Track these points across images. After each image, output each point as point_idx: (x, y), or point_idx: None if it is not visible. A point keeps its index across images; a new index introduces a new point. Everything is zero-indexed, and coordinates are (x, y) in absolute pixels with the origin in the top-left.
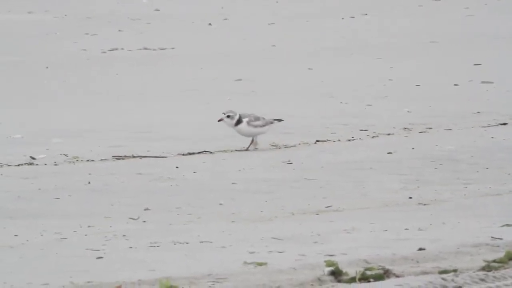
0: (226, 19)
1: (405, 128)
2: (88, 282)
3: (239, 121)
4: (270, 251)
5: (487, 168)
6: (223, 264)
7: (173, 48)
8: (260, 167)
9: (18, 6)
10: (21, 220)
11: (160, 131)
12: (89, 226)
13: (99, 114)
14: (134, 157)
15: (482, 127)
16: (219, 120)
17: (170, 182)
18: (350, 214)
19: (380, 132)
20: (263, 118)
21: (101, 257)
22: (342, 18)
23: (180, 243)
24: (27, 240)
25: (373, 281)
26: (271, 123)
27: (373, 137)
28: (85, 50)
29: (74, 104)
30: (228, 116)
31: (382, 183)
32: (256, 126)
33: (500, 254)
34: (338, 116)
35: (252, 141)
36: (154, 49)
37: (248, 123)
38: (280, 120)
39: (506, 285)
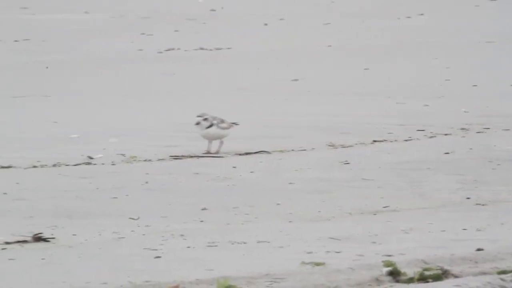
0: (282, 19)
1: (463, 128)
2: (146, 281)
3: (210, 125)
4: (328, 251)
5: None
6: (281, 264)
7: (229, 48)
8: (317, 167)
9: (75, 6)
10: (79, 220)
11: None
12: (146, 226)
13: (155, 113)
14: (191, 156)
15: None
16: (196, 124)
17: (227, 182)
18: (407, 214)
19: (437, 132)
20: (226, 121)
21: (159, 257)
22: (398, 18)
23: (238, 242)
24: (86, 240)
25: (431, 282)
26: (232, 126)
27: (430, 137)
28: (141, 50)
29: (130, 103)
30: (205, 119)
31: (439, 183)
32: (223, 129)
33: None
34: (395, 116)
35: (222, 143)
36: (210, 49)
37: (217, 125)
38: (236, 123)
39: None
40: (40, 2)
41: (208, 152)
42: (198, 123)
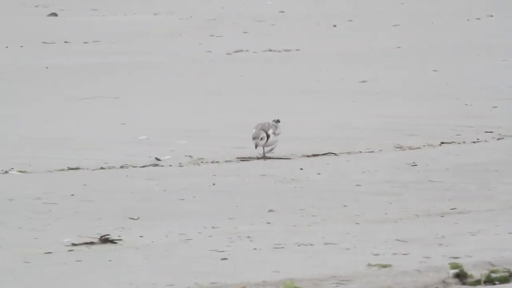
0: (350, 20)
1: None
2: (213, 283)
3: (268, 136)
4: (395, 253)
5: None
6: (347, 266)
7: (297, 50)
8: (384, 169)
9: (143, 8)
10: (146, 221)
11: (284, 132)
12: (213, 227)
13: (223, 115)
14: (258, 158)
15: None
16: (256, 147)
17: (294, 183)
18: (475, 216)
19: (505, 134)
20: (274, 125)
21: (226, 258)
22: (468, 20)
23: (304, 244)
24: (152, 241)
25: (498, 284)
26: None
27: (498, 139)
28: (210, 51)
29: (198, 105)
30: (261, 139)
31: (507, 185)
32: (277, 134)
33: None
34: (463, 117)
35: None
36: (279, 51)
37: (273, 133)
38: (278, 120)
39: None
40: (110, 3)
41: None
42: (257, 146)
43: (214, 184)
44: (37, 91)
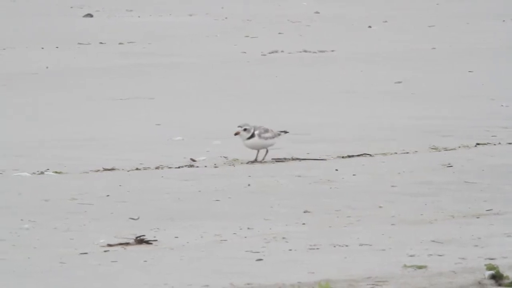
0: (386, 21)
1: None
2: (248, 284)
3: (252, 135)
4: (430, 254)
5: None
6: (383, 267)
7: (332, 51)
8: (419, 170)
9: (179, 9)
10: (181, 222)
11: (319, 133)
12: (248, 228)
13: (258, 115)
14: (293, 159)
15: None
16: (235, 134)
17: (329, 184)
18: (510, 217)
19: None
20: (271, 130)
21: (261, 259)
22: (503, 20)
23: (340, 245)
24: (188, 242)
25: None
26: (279, 135)
27: None
28: (245, 52)
29: (233, 105)
30: (244, 130)
31: None
32: (267, 138)
33: None
34: (499, 118)
35: (267, 152)
36: (314, 52)
37: (259, 135)
38: (285, 132)
39: None
40: (145, 4)
41: (255, 161)
42: (237, 133)
43: (249, 185)
44: (72, 92)
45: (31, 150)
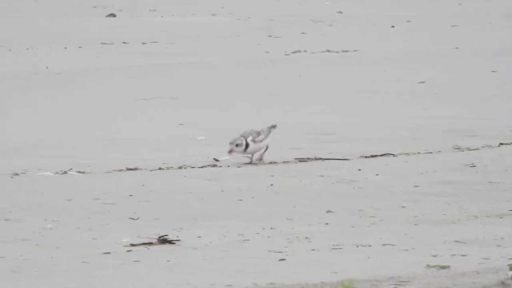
0: (409, 21)
1: None
2: (271, 284)
3: (247, 145)
4: (453, 254)
5: None
6: (406, 267)
7: (355, 51)
8: (443, 170)
9: (202, 9)
10: (204, 222)
11: (342, 133)
12: (271, 228)
13: (281, 115)
14: (316, 159)
15: None
16: (229, 152)
17: (352, 184)
18: None
19: None
20: (262, 130)
21: (284, 259)
22: None
23: (362, 245)
24: (210, 242)
25: None
26: (269, 132)
27: None
28: (268, 52)
29: (256, 105)
30: (237, 145)
31: None
32: (262, 141)
33: None
34: None
35: (265, 151)
36: (337, 52)
37: (253, 141)
38: (274, 126)
39: None
40: (168, 4)
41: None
42: (231, 151)
43: (272, 184)
44: (95, 92)
45: (54, 150)
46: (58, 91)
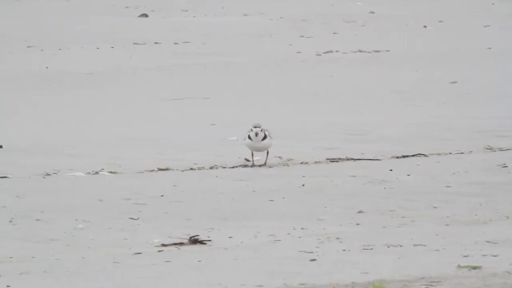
0: (441, 21)
1: None
2: (302, 284)
3: (265, 136)
4: (484, 255)
5: None
6: (437, 267)
7: (387, 51)
8: (474, 170)
9: (234, 9)
10: (235, 222)
11: (373, 133)
12: (302, 228)
13: (313, 115)
14: (348, 159)
15: None
16: (256, 134)
17: (383, 184)
18: None
19: None
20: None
21: (315, 259)
22: None
23: (394, 246)
24: (241, 242)
25: None
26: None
27: None
28: (300, 52)
29: (288, 105)
30: (262, 130)
31: None
32: (271, 138)
33: None
34: None
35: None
36: (369, 52)
37: (270, 136)
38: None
39: None
40: (200, 4)
41: (248, 160)
42: (257, 134)
43: (303, 185)
44: (127, 92)
45: (86, 150)
46: (90, 91)
